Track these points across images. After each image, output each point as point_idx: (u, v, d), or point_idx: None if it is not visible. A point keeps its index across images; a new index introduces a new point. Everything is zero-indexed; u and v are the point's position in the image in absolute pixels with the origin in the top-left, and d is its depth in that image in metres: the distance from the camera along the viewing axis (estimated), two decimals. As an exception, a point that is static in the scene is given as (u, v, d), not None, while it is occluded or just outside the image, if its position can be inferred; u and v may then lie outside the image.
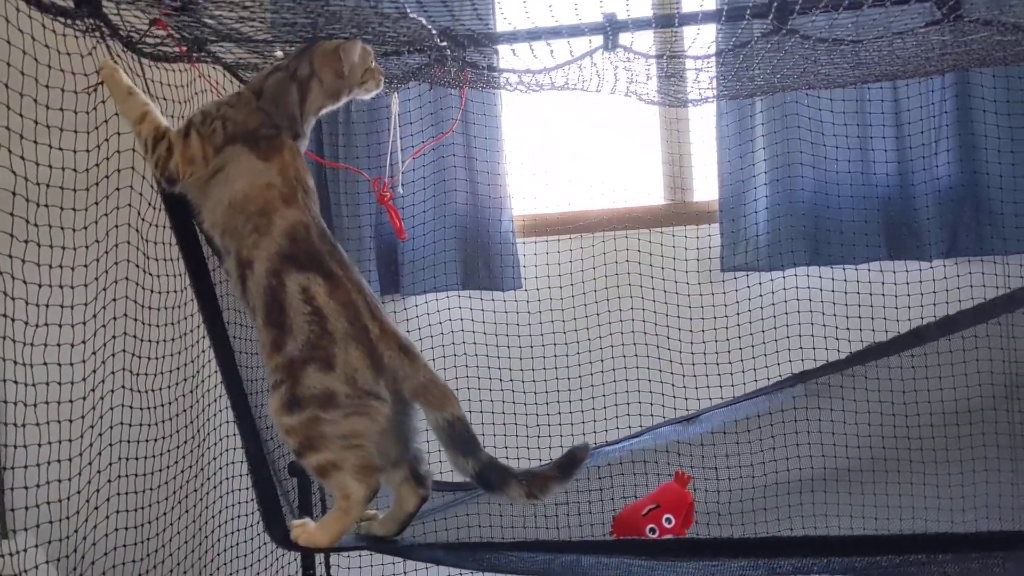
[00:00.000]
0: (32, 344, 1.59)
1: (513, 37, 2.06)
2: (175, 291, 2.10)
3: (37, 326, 1.60)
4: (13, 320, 1.53)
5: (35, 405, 1.59)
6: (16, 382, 1.56)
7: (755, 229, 2.80)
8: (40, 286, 1.60)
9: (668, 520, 1.94)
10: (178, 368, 2.18)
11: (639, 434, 2.42)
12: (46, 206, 1.59)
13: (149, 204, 1.90)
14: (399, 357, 1.58)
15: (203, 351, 2.33)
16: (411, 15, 1.85)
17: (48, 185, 1.59)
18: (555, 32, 1.97)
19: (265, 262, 1.57)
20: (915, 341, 2.22)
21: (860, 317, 2.70)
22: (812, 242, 2.77)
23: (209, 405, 2.46)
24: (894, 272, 2.74)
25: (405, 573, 2.81)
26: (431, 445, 1.67)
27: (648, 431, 2.41)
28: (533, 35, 1.99)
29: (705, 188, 2.95)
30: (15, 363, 1.55)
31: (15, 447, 1.57)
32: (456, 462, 1.60)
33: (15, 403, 1.56)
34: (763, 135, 2.78)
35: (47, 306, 1.62)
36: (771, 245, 2.77)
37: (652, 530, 1.93)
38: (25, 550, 1.62)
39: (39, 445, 1.63)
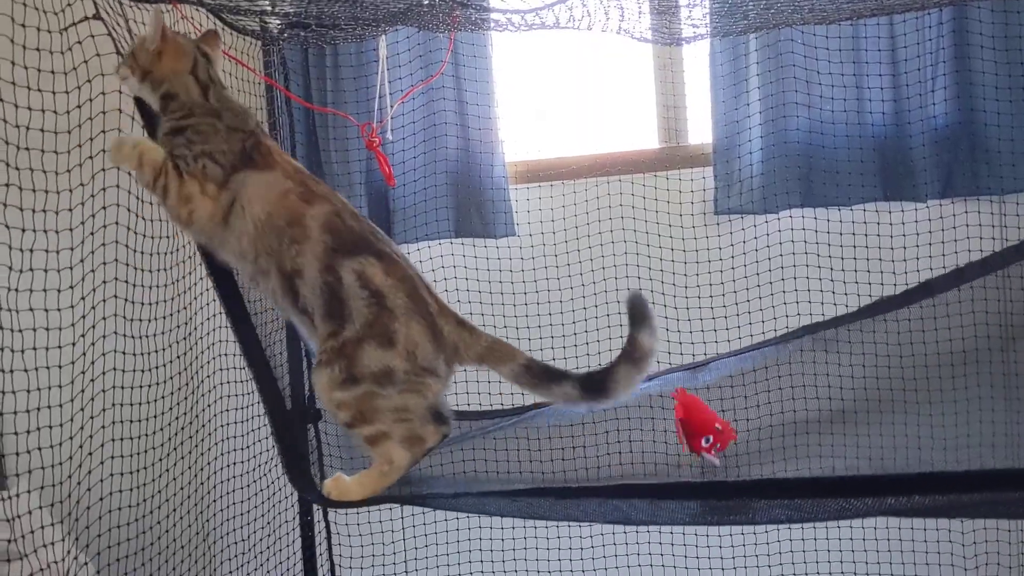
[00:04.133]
0: (17, 290, 1.58)
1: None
2: (167, 236, 2.09)
3: (22, 271, 1.59)
4: (-5, 265, 1.52)
5: (23, 351, 1.58)
6: (1, 328, 1.55)
7: (749, 171, 2.77)
8: (24, 231, 1.58)
9: (719, 428, 1.97)
10: (172, 314, 2.18)
11: (649, 379, 2.41)
12: (27, 149, 1.57)
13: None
14: (458, 331, 1.62)
15: (197, 296, 2.32)
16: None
17: (28, 127, 1.57)
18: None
19: (315, 263, 1.56)
20: (925, 293, 2.20)
21: (855, 259, 2.69)
22: (806, 183, 2.75)
23: (205, 351, 2.47)
24: (889, 212, 2.72)
25: (403, 516, 2.84)
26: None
27: (656, 377, 2.41)
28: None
29: (699, 131, 2.92)
30: (0, 309, 1.54)
31: (3, 393, 1.57)
32: (553, 393, 1.63)
33: (2, 349, 1.55)
34: (757, 75, 2.74)
35: (32, 251, 1.61)
36: (765, 187, 2.75)
37: (707, 439, 1.95)
38: (18, 495, 1.63)
39: (28, 392, 1.62)
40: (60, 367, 1.73)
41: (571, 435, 2.18)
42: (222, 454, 2.52)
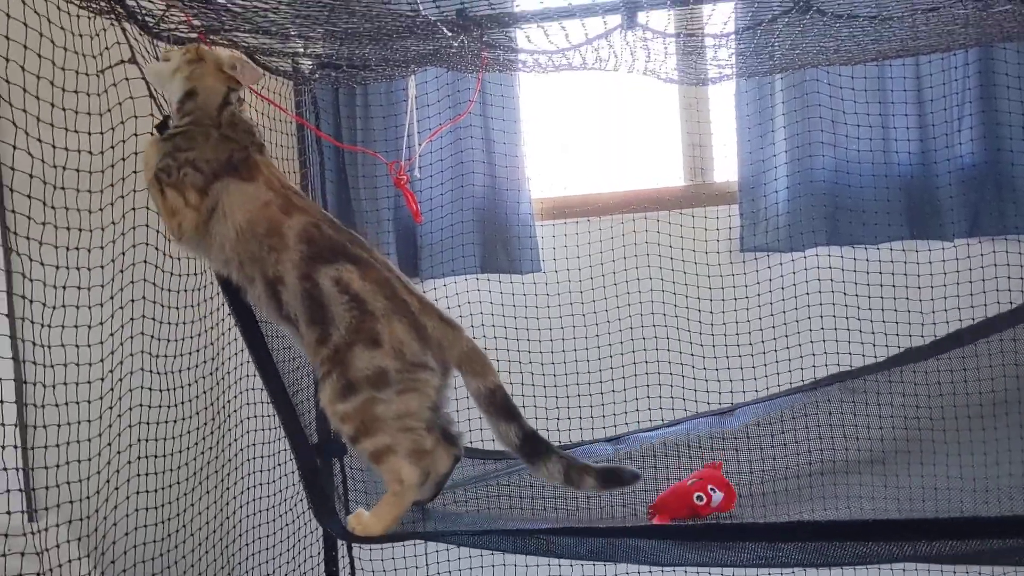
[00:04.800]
0: (50, 326, 1.61)
1: (530, 18, 2.05)
2: (194, 273, 2.12)
3: (55, 308, 1.62)
4: (31, 301, 1.55)
5: (53, 386, 1.61)
6: (35, 363, 1.58)
7: (775, 209, 2.77)
8: (57, 268, 1.62)
9: (713, 489, 1.96)
10: (198, 350, 2.20)
11: (675, 423, 2.42)
12: (62, 188, 1.61)
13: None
14: (441, 327, 1.65)
15: (223, 333, 2.35)
16: (423, 13, 1.86)
17: (64, 167, 1.61)
18: (572, 12, 1.96)
19: (293, 271, 1.61)
20: (953, 344, 2.20)
21: (882, 297, 2.68)
22: (832, 222, 2.74)
23: (231, 387, 2.48)
24: (916, 252, 2.71)
25: (427, 552, 2.83)
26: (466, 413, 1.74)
27: (684, 421, 2.42)
28: (550, 16, 1.97)
29: (725, 169, 2.93)
30: (33, 344, 1.57)
31: (35, 427, 1.59)
32: (499, 429, 1.65)
33: (34, 384, 1.58)
34: (783, 114, 2.75)
35: (64, 288, 1.64)
36: (791, 225, 2.75)
37: (699, 497, 1.95)
38: (47, 529, 1.65)
39: (58, 426, 1.65)
40: (89, 402, 1.75)
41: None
42: (248, 488, 2.54)
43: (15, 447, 1.68)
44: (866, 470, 2.22)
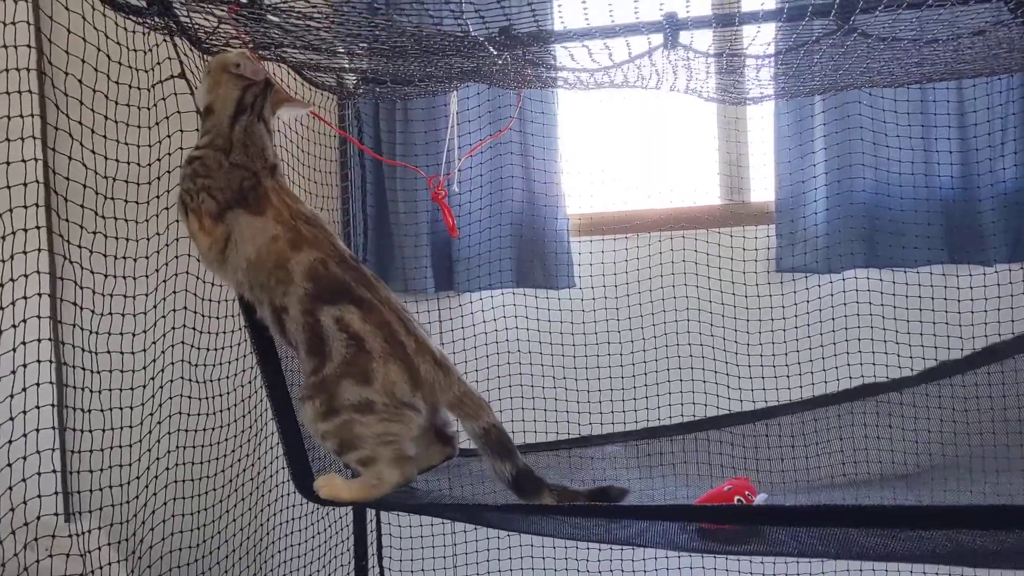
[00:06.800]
0: (97, 332, 1.64)
1: (573, 36, 2.06)
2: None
3: (102, 315, 1.65)
4: (81, 308, 1.58)
5: (99, 392, 1.64)
6: (83, 368, 1.61)
7: (813, 231, 2.76)
8: (106, 276, 1.65)
9: (749, 495, 1.97)
10: (236, 359, 2.23)
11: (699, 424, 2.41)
12: (112, 199, 1.64)
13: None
14: (435, 370, 1.64)
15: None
16: (472, 33, 1.88)
17: (114, 178, 1.64)
18: (615, 31, 1.97)
19: (297, 305, 1.63)
20: (989, 358, 2.17)
21: (920, 322, 2.66)
22: (870, 244, 2.73)
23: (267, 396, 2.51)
24: (957, 276, 2.68)
25: (455, 556, 2.84)
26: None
27: (710, 425, 2.40)
28: (593, 34, 1.99)
29: (762, 188, 2.92)
30: (82, 350, 1.60)
31: (80, 431, 1.62)
32: (495, 467, 1.65)
33: (81, 389, 1.61)
34: (822, 135, 2.74)
35: (111, 295, 1.67)
36: (828, 247, 2.73)
37: (740, 501, 1.95)
38: (88, 531, 1.67)
39: (103, 431, 1.68)
40: (131, 408, 1.78)
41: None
42: (281, 496, 2.56)
43: (54, 450, 1.71)
44: (900, 484, 2.20)
